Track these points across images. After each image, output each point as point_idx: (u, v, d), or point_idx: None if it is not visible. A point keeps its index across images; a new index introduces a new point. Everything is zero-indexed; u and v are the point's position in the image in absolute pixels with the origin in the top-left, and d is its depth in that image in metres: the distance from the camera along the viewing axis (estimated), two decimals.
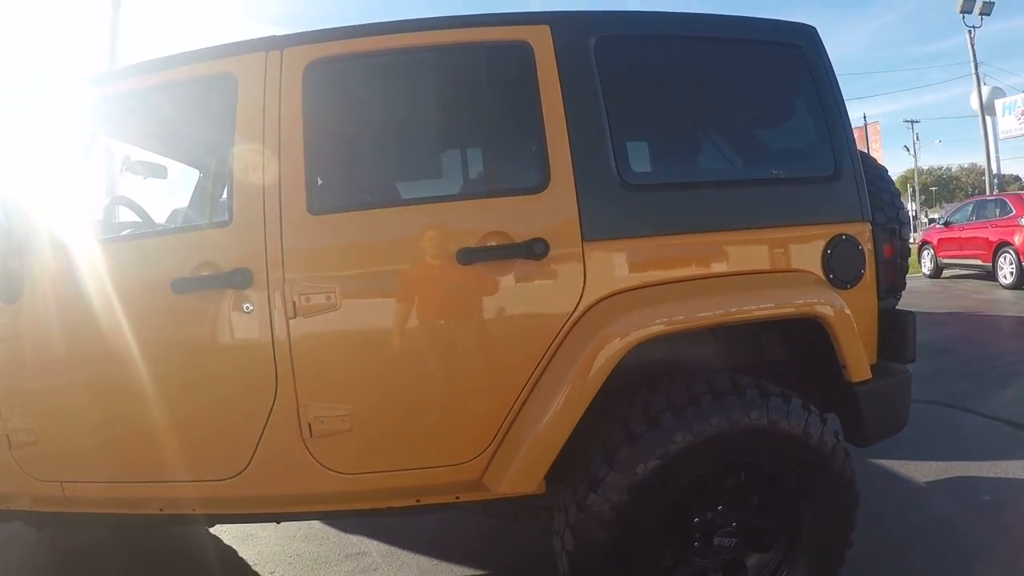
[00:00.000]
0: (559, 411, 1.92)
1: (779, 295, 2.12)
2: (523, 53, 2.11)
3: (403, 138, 2.47)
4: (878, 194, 2.42)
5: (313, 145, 2.06)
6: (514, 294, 2.02)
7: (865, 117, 30.59)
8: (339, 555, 2.93)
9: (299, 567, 2.85)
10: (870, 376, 2.12)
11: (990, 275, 11.88)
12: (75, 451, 2.11)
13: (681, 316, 2.01)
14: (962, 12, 22.35)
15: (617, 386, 2.00)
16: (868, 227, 2.24)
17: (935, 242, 14.02)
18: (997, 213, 12.04)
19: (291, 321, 1.97)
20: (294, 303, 1.97)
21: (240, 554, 3.00)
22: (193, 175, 3.55)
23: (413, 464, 2.03)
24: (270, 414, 2.01)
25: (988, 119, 24.72)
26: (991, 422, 4.21)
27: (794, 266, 2.19)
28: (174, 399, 2.05)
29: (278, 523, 2.62)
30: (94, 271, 2.06)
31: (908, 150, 49.84)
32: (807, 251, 2.19)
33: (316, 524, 3.20)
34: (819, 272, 2.18)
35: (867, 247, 2.22)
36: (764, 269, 2.17)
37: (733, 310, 2.07)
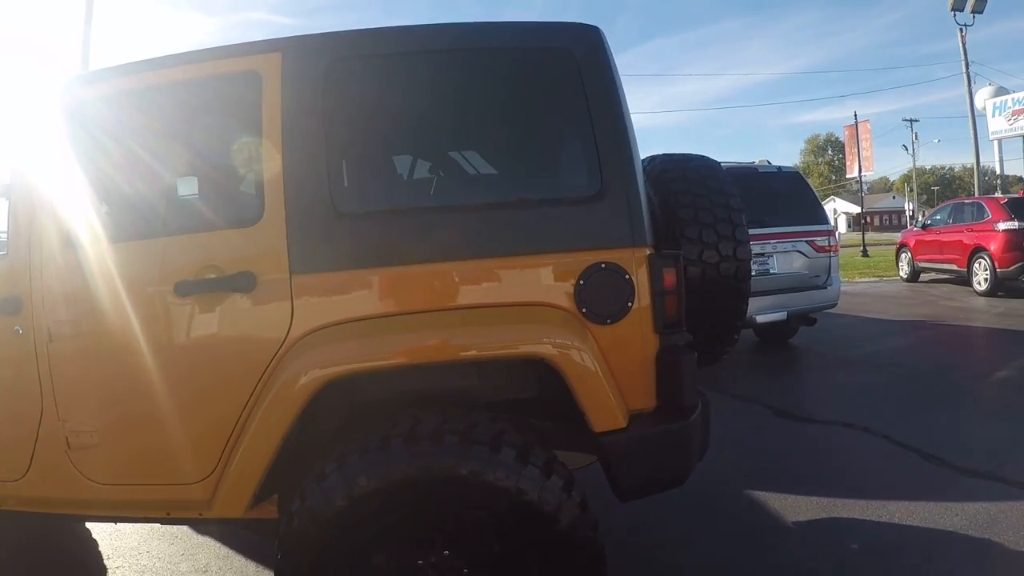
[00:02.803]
0: (254, 444, 1.91)
1: (494, 334, 1.90)
2: (253, 83, 2.04)
3: (145, 174, 2.41)
4: (710, 210, 2.21)
5: (75, 182, 2.15)
6: (228, 326, 2.01)
7: (856, 116, 29.72)
8: (181, 555, 2.96)
9: (144, 562, 2.92)
10: (620, 425, 1.88)
11: (966, 280, 11.57)
12: None
13: (368, 357, 1.88)
14: (953, 10, 21.73)
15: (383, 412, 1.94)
16: (643, 253, 1.97)
17: (912, 245, 13.56)
18: (974, 217, 11.66)
19: (49, 345, 2.08)
20: (49, 329, 2.07)
21: (100, 547, 3.07)
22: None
23: (154, 480, 2.09)
24: (39, 426, 2.12)
25: (984, 119, 24.22)
26: (902, 451, 3.84)
27: (538, 299, 1.95)
28: None
29: (80, 522, 2.82)
30: None
31: (907, 149, 49.71)
32: (555, 282, 1.95)
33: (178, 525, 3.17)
34: (570, 306, 1.94)
35: (638, 276, 1.95)
36: (497, 303, 1.95)
37: (431, 350, 1.89)
